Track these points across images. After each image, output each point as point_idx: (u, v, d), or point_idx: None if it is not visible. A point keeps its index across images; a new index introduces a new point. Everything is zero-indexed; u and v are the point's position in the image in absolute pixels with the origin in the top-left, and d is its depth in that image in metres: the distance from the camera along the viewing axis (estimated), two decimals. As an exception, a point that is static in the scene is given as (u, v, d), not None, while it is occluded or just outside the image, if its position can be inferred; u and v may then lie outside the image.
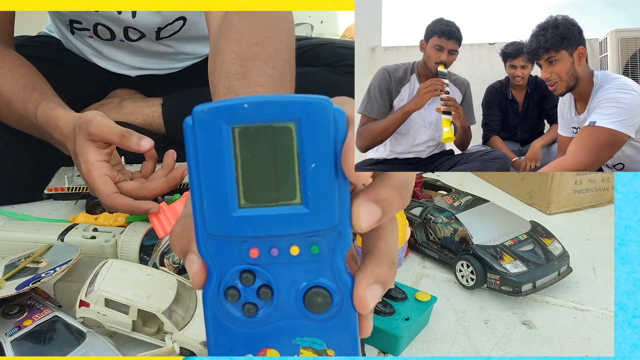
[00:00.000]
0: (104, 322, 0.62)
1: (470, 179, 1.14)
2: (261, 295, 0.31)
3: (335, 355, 0.31)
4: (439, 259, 0.83)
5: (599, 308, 0.74)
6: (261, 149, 0.28)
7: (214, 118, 0.28)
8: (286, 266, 0.30)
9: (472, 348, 0.66)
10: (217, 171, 0.28)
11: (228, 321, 0.31)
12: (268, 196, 0.29)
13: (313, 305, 0.31)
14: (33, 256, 0.69)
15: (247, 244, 0.30)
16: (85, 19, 1.04)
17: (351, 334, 0.31)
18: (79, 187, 0.93)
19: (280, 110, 0.28)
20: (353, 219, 0.30)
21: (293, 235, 0.30)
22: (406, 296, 0.69)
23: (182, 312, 0.63)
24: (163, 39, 1.10)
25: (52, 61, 1.12)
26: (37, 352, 0.58)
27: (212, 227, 0.29)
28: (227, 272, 0.30)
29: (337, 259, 0.30)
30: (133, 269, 0.65)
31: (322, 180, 0.29)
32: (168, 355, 0.61)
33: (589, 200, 1.00)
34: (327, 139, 0.29)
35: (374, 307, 0.31)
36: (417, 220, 0.85)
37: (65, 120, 0.84)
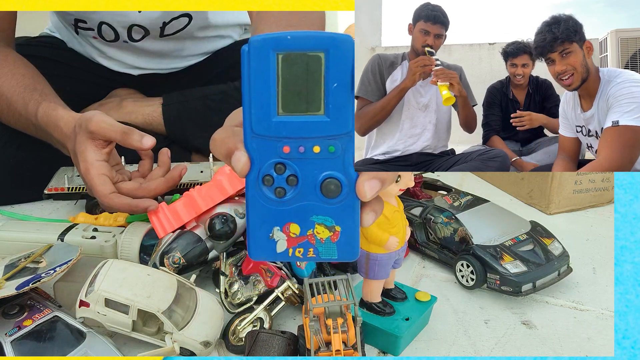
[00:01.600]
0: (104, 322, 0.62)
1: (470, 179, 1.14)
2: (289, 181, 0.41)
3: (341, 230, 0.42)
4: (439, 259, 0.83)
5: (599, 308, 0.73)
6: (297, 71, 0.38)
7: (264, 46, 0.38)
8: (309, 161, 0.40)
9: (472, 348, 0.66)
10: (263, 86, 0.38)
11: (263, 201, 0.41)
12: (300, 107, 0.39)
13: (327, 192, 0.41)
14: (33, 256, 0.69)
15: (281, 143, 0.40)
16: (90, 18, 1.05)
17: (354, 215, 0.42)
18: (78, 187, 0.93)
19: (313, 42, 0.38)
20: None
21: (316, 138, 0.40)
22: (406, 296, 0.69)
23: (182, 312, 0.63)
24: (167, 36, 1.10)
25: (53, 61, 1.12)
26: (37, 352, 0.58)
27: (257, 128, 0.39)
28: (265, 163, 0.40)
29: (347, 157, 0.40)
30: (133, 269, 0.65)
31: (340, 97, 0.39)
32: (168, 355, 0.61)
33: (589, 200, 1.00)
34: (346, 66, 0.38)
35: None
36: (417, 220, 0.85)
37: (66, 120, 0.84)
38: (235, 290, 0.70)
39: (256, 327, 0.67)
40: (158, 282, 0.64)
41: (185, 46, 1.16)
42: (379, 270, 0.63)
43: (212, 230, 0.74)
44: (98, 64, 1.15)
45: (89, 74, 1.15)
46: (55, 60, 1.13)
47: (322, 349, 0.57)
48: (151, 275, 0.65)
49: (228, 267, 0.74)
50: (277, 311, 0.69)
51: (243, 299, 0.69)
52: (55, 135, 0.86)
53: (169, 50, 1.14)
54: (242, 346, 0.65)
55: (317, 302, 0.57)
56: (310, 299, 0.58)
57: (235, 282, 0.71)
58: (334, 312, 0.58)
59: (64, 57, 1.15)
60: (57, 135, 0.86)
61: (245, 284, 0.70)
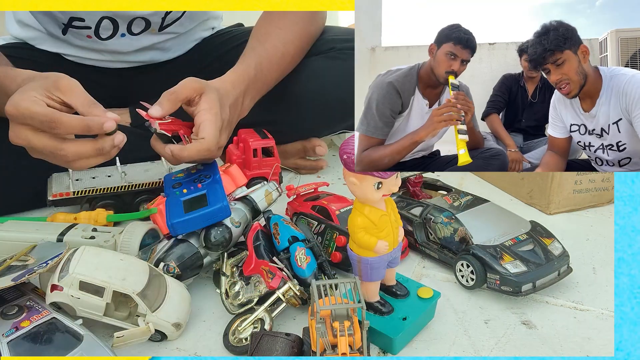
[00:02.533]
0: (76, 306, 0.63)
1: (470, 179, 1.14)
2: None
3: None
4: (439, 259, 0.82)
5: (599, 308, 0.73)
6: None
7: None
8: None
9: (472, 348, 0.66)
10: None
11: None
12: None
13: None
14: (17, 255, 0.70)
15: None
16: (90, 15, 1.04)
17: None
18: (84, 191, 0.92)
19: None
20: None
21: None
22: (408, 292, 0.69)
23: (154, 296, 0.65)
24: (167, 27, 1.11)
25: (32, 61, 1.09)
26: (33, 354, 0.58)
27: None
28: None
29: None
30: (106, 254, 0.67)
31: None
32: (143, 335, 0.63)
33: (589, 200, 1.00)
34: None
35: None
36: (417, 220, 0.85)
37: (29, 74, 0.76)
38: (236, 291, 0.70)
39: (257, 328, 0.67)
40: (132, 267, 0.67)
41: (183, 36, 1.18)
42: (372, 272, 0.63)
43: (207, 241, 0.74)
44: (75, 64, 1.14)
45: (70, 73, 1.13)
46: (33, 60, 1.09)
47: (328, 351, 0.56)
48: (124, 260, 0.67)
49: (229, 268, 0.74)
50: (278, 312, 0.69)
51: (244, 300, 0.69)
52: (11, 86, 0.75)
53: (163, 41, 1.15)
54: (242, 346, 0.65)
55: (324, 305, 0.57)
56: (317, 300, 0.58)
57: (237, 283, 0.71)
58: (341, 314, 0.58)
59: (42, 58, 1.12)
60: (12, 85, 0.75)
61: (247, 285, 0.70)
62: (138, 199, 0.95)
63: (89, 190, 0.92)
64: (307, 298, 0.70)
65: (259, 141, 1.00)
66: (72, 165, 0.72)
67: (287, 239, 0.74)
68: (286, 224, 0.77)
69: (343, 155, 0.59)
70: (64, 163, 0.72)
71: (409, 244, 0.86)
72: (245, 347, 0.65)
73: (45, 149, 0.70)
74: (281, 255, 0.73)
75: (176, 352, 0.66)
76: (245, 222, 0.79)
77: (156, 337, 0.66)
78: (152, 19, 1.08)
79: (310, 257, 0.72)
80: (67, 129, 0.68)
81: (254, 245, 0.73)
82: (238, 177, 0.86)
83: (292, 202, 0.93)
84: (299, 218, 0.88)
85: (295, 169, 1.18)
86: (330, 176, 1.16)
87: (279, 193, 0.85)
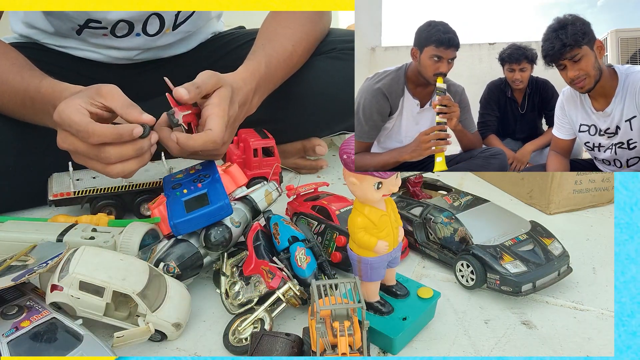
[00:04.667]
0: (76, 306, 0.63)
1: (470, 179, 1.14)
2: None
3: None
4: (439, 259, 0.82)
5: (599, 308, 0.73)
6: None
7: None
8: None
9: (472, 348, 0.66)
10: None
11: None
12: None
13: None
14: (17, 255, 0.70)
15: None
16: (105, 18, 1.04)
17: None
18: (85, 191, 0.92)
19: None
20: None
21: None
22: (408, 292, 0.69)
23: (154, 296, 0.65)
24: (179, 25, 1.12)
25: (41, 62, 1.10)
26: (33, 354, 0.58)
27: None
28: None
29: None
30: (106, 254, 0.67)
31: None
32: (143, 335, 0.63)
33: (589, 200, 1.00)
34: None
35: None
36: (417, 220, 0.85)
37: (75, 88, 0.81)
38: (236, 291, 0.70)
39: (257, 328, 0.67)
40: (132, 267, 0.66)
41: (195, 33, 1.19)
42: (372, 272, 0.63)
43: (207, 241, 0.74)
44: (87, 61, 1.14)
45: (82, 70, 1.14)
46: (42, 60, 1.10)
47: (328, 351, 0.56)
48: (124, 260, 0.67)
49: (229, 268, 0.74)
50: (278, 312, 0.69)
51: (244, 300, 0.69)
52: (60, 98, 0.80)
53: (174, 39, 1.16)
54: (242, 346, 0.65)
55: (324, 305, 0.57)
56: (317, 300, 0.58)
57: (237, 283, 0.71)
58: (341, 315, 0.58)
59: (52, 58, 1.13)
60: (60, 100, 0.79)
61: (247, 285, 0.70)
62: (138, 199, 0.95)
63: (90, 190, 0.92)
64: (307, 298, 0.70)
65: (259, 141, 1.00)
66: (111, 170, 0.76)
67: (287, 239, 0.74)
68: (286, 224, 0.77)
69: (343, 155, 0.59)
70: (104, 168, 0.76)
71: (409, 244, 0.86)
72: (245, 347, 0.65)
73: (89, 153, 0.74)
74: (281, 255, 0.73)
75: (176, 352, 0.66)
76: (245, 222, 0.79)
77: (156, 337, 0.66)
78: (166, 17, 1.09)
79: (310, 257, 0.72)
80: (100, 137, 0.72)
81: (254, 245, 0.73)
82: (238, 176, 0.86)
83: (292, 202, 0.93)
84: (299, 218, 0.88)
85: (295, 168, 1.18)
86: (330, 176, 1.16)
87: (279, 193, 0.85)
